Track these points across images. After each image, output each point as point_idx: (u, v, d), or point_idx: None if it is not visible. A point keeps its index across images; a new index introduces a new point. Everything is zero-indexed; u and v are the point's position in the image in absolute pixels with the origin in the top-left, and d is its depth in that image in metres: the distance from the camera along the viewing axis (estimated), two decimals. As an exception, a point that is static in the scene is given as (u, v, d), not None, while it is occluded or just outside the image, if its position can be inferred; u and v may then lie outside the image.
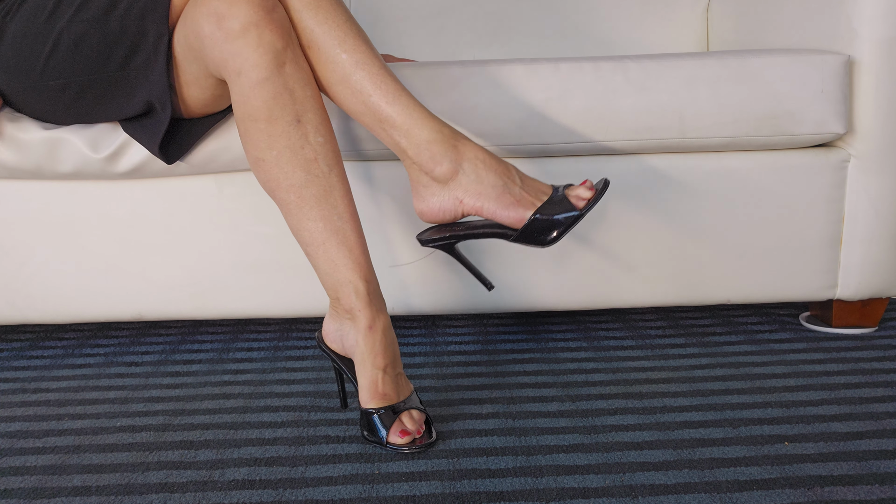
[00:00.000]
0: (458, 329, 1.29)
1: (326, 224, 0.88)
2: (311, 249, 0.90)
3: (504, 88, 1.08)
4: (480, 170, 0.88)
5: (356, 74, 0.90)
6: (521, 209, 0.87)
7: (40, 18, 0.99)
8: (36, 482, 0.83)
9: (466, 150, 0.89)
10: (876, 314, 1.23)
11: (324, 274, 0.90)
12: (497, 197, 0.87)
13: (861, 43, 1.11)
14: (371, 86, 0.90)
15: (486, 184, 0.88)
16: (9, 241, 1.12)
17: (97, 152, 1.06)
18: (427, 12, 1.62)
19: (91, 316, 1.16)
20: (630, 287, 1.17)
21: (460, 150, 0.89)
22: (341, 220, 0.89)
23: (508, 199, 0.87)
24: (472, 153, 0.89)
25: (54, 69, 1.00)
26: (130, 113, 1.02)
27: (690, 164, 1.13)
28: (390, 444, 0.88)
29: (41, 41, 0.99)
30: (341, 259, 0.89)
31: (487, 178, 0.88)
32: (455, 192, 0.89)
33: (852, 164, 1.14)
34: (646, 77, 1.09)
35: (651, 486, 0.79)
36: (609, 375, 1.08)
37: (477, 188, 0.88)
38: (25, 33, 0.99)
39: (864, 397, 1.00)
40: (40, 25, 0.99)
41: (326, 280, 0.91)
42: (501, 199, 0.87)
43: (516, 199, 0.87)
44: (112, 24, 0.97)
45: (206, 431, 0.94)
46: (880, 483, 0.79)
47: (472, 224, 0.93)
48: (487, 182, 0.88)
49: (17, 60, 1.00)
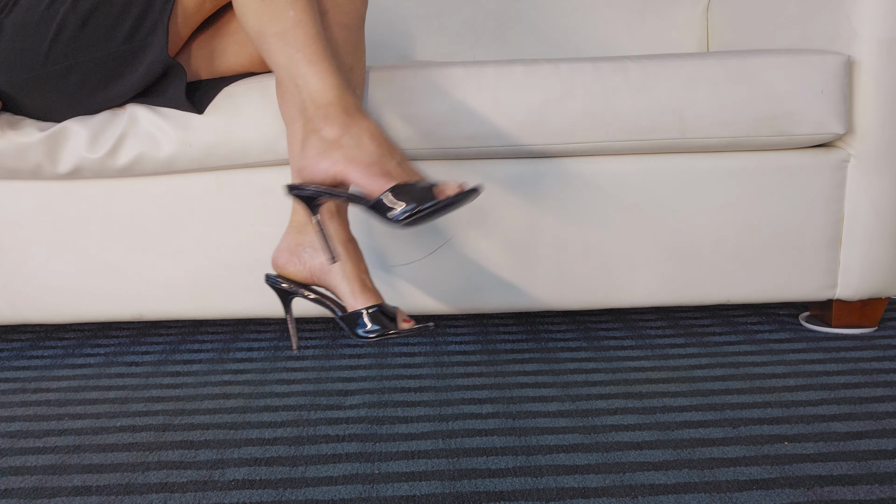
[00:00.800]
0: (458, 329, 1.29)
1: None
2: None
3: (504, 88, 1.08)
4: (364, 139, 0.87)
5: (293, 31, 0.90)
6: (385, 181, 0.84)
7: (40, 7, 1.00)
8: (36, 482, 0.83)
9: (360, 120, 0.88)
10: (876, 314, 1.23)
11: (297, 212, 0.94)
12: (367, 166, 0.85)
13: (861, 43, 1.11)
14: (303, 44, 0.90)
15: (364, 151, 0.86)
16: (9, 241, 1.12)
17: (95, 150, 1.06)
18: (427, 12, 1.62)
19: (91, 316, 1.16)
20: (630, 287, 1.17)
21: (353, 118, 0.88)
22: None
23: (377, 170, 0.85)
24: (365, 123, 0.88)
25: (59, 53, 1.01)
26: (136, 88, 1.05)
27: (690, 164, 1.13)
28: (402, 330, 0.89)
29: (44, 27, 1.00)
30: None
31: (368, 146, 0.86)
32: (333, 154, 0.87)
33: (852, 165, 1.14)
34: (646, 77, 1.09)
35: (651, 486, 0.79)
36: (609, 375, 1.08)
37: (353, 153, 0.86)
38: (26, 23, 1.00)
39: (864, 397, 1.00)
40: (41, 13, 1.00)
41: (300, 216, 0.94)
42: (370, 169, 0.85)
43: (384, 171, 0.85)
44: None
45: (206, 431, 0.94)
46: (880, 483, 0.79)
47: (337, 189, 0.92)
48: (366, 150, 0.86)
49: (18, 53, 1.01)
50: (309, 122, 0.88)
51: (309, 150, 0.88)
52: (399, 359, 1.17)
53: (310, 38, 0.90)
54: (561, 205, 1.13)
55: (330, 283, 0.93)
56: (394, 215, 0.82)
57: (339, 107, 0.87)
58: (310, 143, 0.88)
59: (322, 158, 0.86)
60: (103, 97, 1.06)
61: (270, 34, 0.90)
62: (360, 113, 0.88)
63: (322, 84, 0.88)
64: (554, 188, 1.12)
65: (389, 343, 1.23)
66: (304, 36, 0.89)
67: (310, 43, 0.89)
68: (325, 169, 0.86)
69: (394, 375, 1.10)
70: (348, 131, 0.86)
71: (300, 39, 0.89)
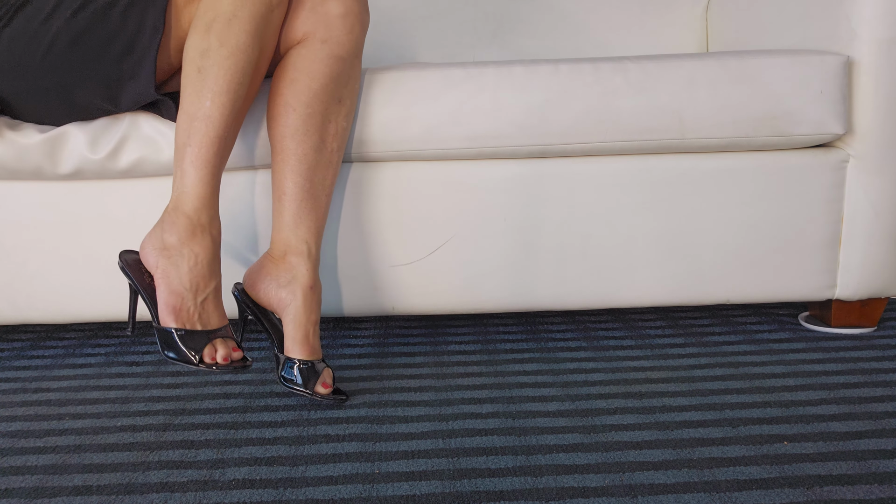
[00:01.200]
0: (458, 329, 1.29)
1: (310, 186, 1.00)
2: (285, 201, 0.99)
3: (504, 89, 1.09)
4: (185, 266, 0.93)
5: (199, 122, 0.94)
6: (171, 318, 0.92)
7: (37, 20, 1.00)
8: (37, 482, 0.83)
9: (196, 244, 0.93)
10: (875, 314, 1.23)
11: (285, 227, 1.00)
12: (170, 293, 0.93)
13: (860, 43, 1.11)
14: (199, 141, 0.94)
15: (178, 277, 0.93)
16: (10, 242, 1.12)
17: (96, 151, 1.07)
18: (427, 13, 1.62)
19: (92, 316, 1.16)
20: (630, 287, 1.17)
21: (193, 239, 0.93)
22: (321, 187, 1.01)
23: (174, 302, 0.92)
24: (198, 248, 0.94)
25: (49, 68, 1.00)
26: (128, 109, 1.06)
27: (690, 165, 1.13)
28: (316, 393, 0.98)
29: (37, 41, 1.00)
30: (307, 220, 1.00)
31: (184, 276, 0.93)
32: (160, 260, 0.93)
33: (851, 165, 1.15)
34: (645, 78, 1.09)
35: (650, 486, 0.79)
36: (609, 375, 1.08)
37: (170, 272, 0.93)
38: (21, 35, 1.00)
39: (863, 397, 1.00)
40: (37, 26, 1.00)
41: (283, 234, 1.00)
42: (171, 298, 0.93)
43: (179, 308, 0.92)
44: (112, 20, 0.99)
45: (206, 431, 0.94)
46: (879, 483, 0.79)
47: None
48: (180, 277, 0.93)
49: (14, 63, 1.01)
50: (166, 210, 0.94)
51: (153, 236, 0.94)
52: (399, 359, 1.17)
53: (209, 138, 0.94)
54: (561, 205, 1.13)
55: (283, 319, 1.00)
56: (160, 349, 0.93)
57: (189, 221, 0.93)
58: (155, 231, 0.94)
59: (152, 250, 0.93)
60: (98, 110, 1.06)
61: (184, 108, 0.94)
62: (202, 234, 0.94)
63: (192, 191, 0.93)
64: (554, 188, 1.12)
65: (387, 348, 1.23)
66: (204, 133, 0.93)
67: (205, 144, 0.93)
68: (149, 262, 0.94)
69: (394, 375, 1.10)
70: (181, 249, 0.93)
71: (199, 134, 0.93)
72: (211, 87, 0.92)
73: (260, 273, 1.01)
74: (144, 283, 0.95)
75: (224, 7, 0.93)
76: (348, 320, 1.36)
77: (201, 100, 0.93)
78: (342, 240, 1.13)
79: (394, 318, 1.36)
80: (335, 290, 1.15)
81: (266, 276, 1.00)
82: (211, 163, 0.93)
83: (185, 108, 0.93)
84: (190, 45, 0.94)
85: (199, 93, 0.93)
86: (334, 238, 1.13)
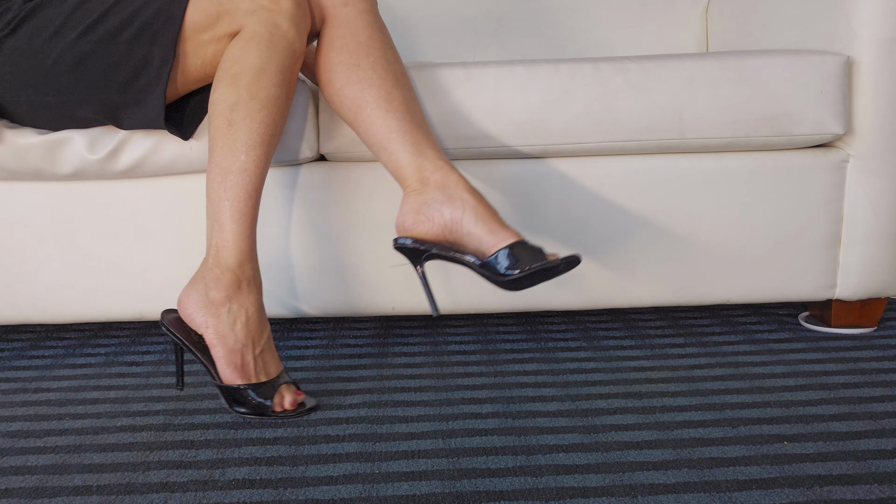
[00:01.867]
0: (458, 329, 1.29)
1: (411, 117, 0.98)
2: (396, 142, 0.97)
3: (504, 89, 1.08)
4: (239, 322, 0.94)
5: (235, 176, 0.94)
6: (235, 375, 0.94)
7: (42, 37, 0.99)
8: (37, 482, 0.83)
9: (244, 298, 0.94)
10: (875, 314, 1.23)
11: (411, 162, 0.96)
12: (229, 352, 0.94)
13: (860, 43, 1.11)
14: (235, 195, 0.94)
15: (233, 335, 0.94)
16: (10, 241, 1.12)
17: (96, 152, 1.07)
18: (427, 13, 1.62)
19: (92, 316, 1.16)
20: (630, 287, 1.17)
21: (240, 293, 0.94)
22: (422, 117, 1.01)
23: (236, 360, 0.94)
24: (247, 303, 0.94)
25: (51, 86, 1.01)
26: (127, 128, 1.05)
27: (690, 165, 1.13)
28: (548, 263, 0.89)
29: (41, 58, 0.99)
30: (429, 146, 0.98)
31: (238, 331, 0.94)
32: (208, 319, 0.93)
33: (851, 165, 1.15)
34: (645, 78, 1.09)
35: (650, 486, 0.79)
36: (609, 375, 1.08)
37: (224, 331, 0.94)
38: (25, 50, 1.00)
39: (863, 397, 1.00)
40: (42, 43, 0.99)
41: (412, 168, 0.96)
42: (230, 357, 0.94)
43: (241, 363, 0.94)
44: (119, 47, 0.98)
45: (206, 431, 0.94)
46: (879, 483, 0.79)
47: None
48: (235, 334, 0.94)
49: (14, 76, 1.01)
50: (205, 263, 0.94)
51: (193, 293, 0.94)
52: (399, 359, 1.17)
53: (246, 192, 0.94)
54: (561, 205, 1.13)
55: (463, 231, 0.92)
56: (226, 405, 0.95)
57: (234, 275, 0.93)
58: (196, 288, 0.94)
59: (197, 309, 0.93)
60: (99, 124, 1.07)
61: (216, 161, 0.94)
62: (248, 287, 0.94)
63: (233, 245, 0.93)
64: (554, 188, 1.12)
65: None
66: (242, 187, 0.94)
67: (243, 198, 0.94)
68: (195, 321, 0.93)
69: (394, 375, 1.10)
70: (229, 304, 0.93)
71: (237, 188, 0.94)
72: (245, 141, 0.93)
73: (412, 210, 0.95)
74: (193, 340, 0.95)
75: (252, 61, 0.94)
76: (348, 320, 1.36)
77: (235, 153, 0.93)
78: (342, 239, 1.13)
79: (394, 318, 1.36)
80: (335, 290, 1.15)
81: (420, 206, 0.94)
82: (250, 215, 0.94)
83: (218, 161, 0.94)
84: (218, 98, 0.94)
85: (233, 146, 0.93)
86: (334, 238, 1.13)
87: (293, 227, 1.13)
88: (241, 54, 0.95)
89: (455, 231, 0.93)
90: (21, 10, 1.00)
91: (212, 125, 0.95)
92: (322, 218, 1.13)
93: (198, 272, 0.94)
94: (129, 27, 0.98)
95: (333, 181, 1.12)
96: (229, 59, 0.96)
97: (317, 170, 1.12)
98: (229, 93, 0.94)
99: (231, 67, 0.95)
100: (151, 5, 0.98)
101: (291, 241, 1.12)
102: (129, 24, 0.98)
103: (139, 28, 0.98)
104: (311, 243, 1.13)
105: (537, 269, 0.88)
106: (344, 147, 1.10)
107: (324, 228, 1.13)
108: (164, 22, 0.98)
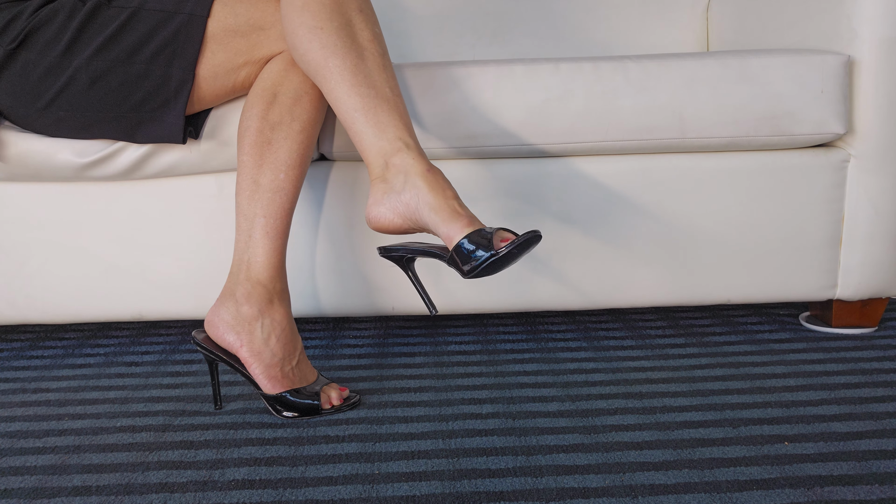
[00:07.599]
0: (458, 329, 1.29)
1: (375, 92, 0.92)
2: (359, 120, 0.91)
3: (504, 88, 1.08)
4: (273, 337, 0.96)
5: (270, 194, 0.95)
6: (273, 385, 0.96)
7: (55, 52, 0.99)
8: (36, 482, 0.83)
9: (276, 312, 0.96)
10: (876, 314, 1.23)
11: (373, 144, 0.91)
12: (268, 366, 0.96)
13: (861, 43, 1.11)
14: (270, 211, 0.95)
15: (269, 350, 0.96)
16: (9, 242, 1.12)
17: (95, 152, 1.06)
18: (427, 12, 1.62)
19: (91, 316, 1.16)
20: (630, 287, 1.17)
21: (272, 308, 0.95)
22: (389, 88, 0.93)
23: (275, 373, 0.96)
24: (279, 317, 0.96)
25: (65, 102, 1.01)
26: (141, 142, 1.06)
27: (690, 164, 1.13)
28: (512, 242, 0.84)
29: (55, 74, 0.99)
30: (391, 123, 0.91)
31: (273, 346, 0.96)
32: (242, 336, 0.95)
33: (852, 164, 1.14)
34: (646, 77, 1.09)
35: (651, 486, 0.79)
36: (609, 375, 1.08)
37: (260, 348, 0.95)
38: (38, 63, 0.99)
39: (864, 397, 1.00)
40: (55, 59, 0.99)
41: (374, 150, 0.90)
42: (270, 371, 0.96)
43: (280, 375, 0.96)
44: (136, 66, 0.99)
45: (206, 431, 0.94)
46: (880, 483, 0.79)
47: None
48: (271, 349, 0.96)
49: (26, 88, 1.01)
50: (234, 279, 0.95)
51: (223, 311, 0.95)
52: (399, 359, 1.17)
53: (283, 210, 0.95)
54: (561, 204, 1.13)
55: (422, 221, 0.88)
56: (274, 413, 0.97)
57: (266, 290, 0.95)
58: (226, 305, 0.95)
59: (229, 328, 0.94)
60: (110, 139, 1.06)
61: (251, 177, 0.95)
62: (279, 302, 0.96)
63: (266, 260, 0.95)
64: (554, 188, 1.12)
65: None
66: (278, 205, 0.95)
67: (279, 216, 0.95)
68: (228, 341, 0.95)
69: (394, 375, 1.10)
70: (262, 320, 0.94)
71: (273, 205, 0.95)
72: (284, 161, 0.95)
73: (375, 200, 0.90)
74: (230, 354, 0.96)
75: (294, 84, 0.97)
76: (348, 320, 1.36)
77: (274, 172, 0.95)
78: (342, 239, 1.13)
79: (394, 318, 1.36)
80: (335, 290, 1.15)
81: (382, 197, 0.90)
82: (283, 233, 0.96)
83: (253, 177, 0.95)
84: (255, 115, 0.96)
85: (273, 165, 0.95)
86: (334, 238, 1.13)
87: (293, 227, 1.12)
88: (284, 77, 0.97)
89: (417, 220, 0.89)
90: (28, 22, 0.99)
91: (248, 141, 0.96)
92: (322, 218, 1.13)
93: (225, 288, 0.95)
94: (147, 46, 0.98)
95: (333, 181, 1.12)
96: (270, 79, 0.97)
97: (317, 170, 1.12)
98: (269, 112, 0.96)
99: (272, 87, 0.97)
100: (169, 25, 0.98)
101: (291, 242, 1.12)
102: (147, 43, 0.98)
103: (157, 47, 0.98)
104: (312, 243, 1.13)
105: (493, 259, 0.83)
106: (344, 147, 1.09)
107: (324, 228, 1.13)
108: (183, 42, 0.98)
